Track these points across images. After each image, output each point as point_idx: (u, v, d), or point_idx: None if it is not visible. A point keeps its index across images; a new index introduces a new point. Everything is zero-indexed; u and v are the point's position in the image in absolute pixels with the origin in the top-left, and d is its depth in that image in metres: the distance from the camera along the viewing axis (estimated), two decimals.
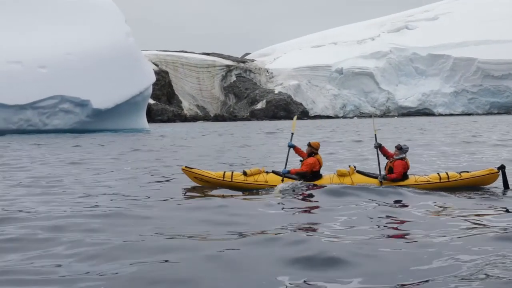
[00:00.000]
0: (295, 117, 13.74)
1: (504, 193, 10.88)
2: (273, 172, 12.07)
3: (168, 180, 13.64)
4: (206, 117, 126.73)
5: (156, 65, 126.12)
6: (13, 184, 12.77)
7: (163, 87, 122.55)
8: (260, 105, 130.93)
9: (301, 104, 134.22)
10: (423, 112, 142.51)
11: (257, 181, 11.73)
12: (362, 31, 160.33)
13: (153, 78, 54.90)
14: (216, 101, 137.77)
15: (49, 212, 8.88)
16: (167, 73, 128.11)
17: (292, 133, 13.16)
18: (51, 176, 14.23)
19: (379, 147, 12.06)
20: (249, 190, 11.54)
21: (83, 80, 46.73)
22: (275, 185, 11.53)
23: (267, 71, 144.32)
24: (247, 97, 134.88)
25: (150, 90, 54.78)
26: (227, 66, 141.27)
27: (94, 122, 47.71)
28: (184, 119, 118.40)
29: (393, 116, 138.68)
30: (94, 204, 9.77)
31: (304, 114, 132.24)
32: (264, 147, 27.39)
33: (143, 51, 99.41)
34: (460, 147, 24.65)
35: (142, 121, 53.59)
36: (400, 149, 11.69)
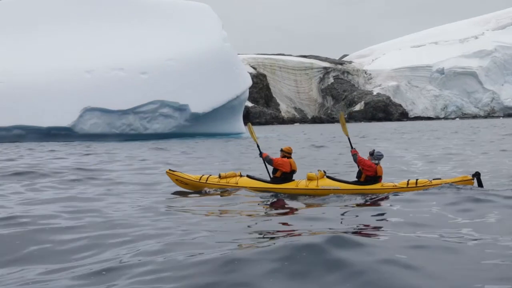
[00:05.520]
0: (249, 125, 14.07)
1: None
2: (247, 176, 12.56)
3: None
4: (303, 120, 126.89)
5: (254, 68, 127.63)
6: None
7: (261, 90, 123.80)
8: (358, 107, 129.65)
9: (400, 105, 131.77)
10: None
11: (228, 183, 12.41)
12: (465, 30, 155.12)
13: (249, 82, 55.59)
14: (314, 103, 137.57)
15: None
16: (265, 76, 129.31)
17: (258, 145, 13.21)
18: None
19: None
20: (219, 190, 12.32)
21: (182, 85, 48.00)
22: (244, 187, 12.14)
23: (365, 73, 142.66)
24: (345, 99, 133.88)
25: (247, 94, 55.48)
26: (325, 68, 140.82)
27: (192, 126, 48.82)
28: (282, 121, 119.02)
29: (498, 117, 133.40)
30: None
31: (404, 116, 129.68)
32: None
33: (241, 55, 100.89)
34: None
35: (238, 124, 54.32)
36: (372, 155, 11.65)
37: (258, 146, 13.02)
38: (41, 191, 12.82)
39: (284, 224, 8.24)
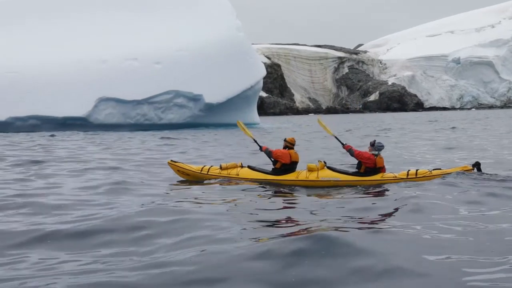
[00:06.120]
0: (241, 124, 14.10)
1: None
2: (248, 167, 12.49)
3: None
4: (318, 110, 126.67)
5: (268, 58, 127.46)
6: None
7: (276, 80, 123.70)
8: (373, 97, 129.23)
9: (415, 95, 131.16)
10: None
11: (229, 174, 12.34)
12: (481, 18, 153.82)
13: (263, 72, 55.54)
14: (328, 94, 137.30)
15: None
16: (279, 66, 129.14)
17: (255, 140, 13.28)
18: None
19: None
20: (221, 181, 12.21)
21: (196, 75, 48.06)
22: (245, 178, 12.08)
23: (380, 62, 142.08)
24: (359, 89, 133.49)
25: (261, 84, 55.45)
26: (339, 58, 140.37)
27: (206, 116, 48.90)
28: (296, 111, 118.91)
29: None
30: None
31: (419, 106, 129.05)
32: None
33: (256, 45, 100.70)
34: None
35: (253, 114, 54.34)
36: (372, 145, 11.59)
37: (255, 141, 13.06)
38: (52, 177, 12.94)
39: (286, 216, 8.21)
